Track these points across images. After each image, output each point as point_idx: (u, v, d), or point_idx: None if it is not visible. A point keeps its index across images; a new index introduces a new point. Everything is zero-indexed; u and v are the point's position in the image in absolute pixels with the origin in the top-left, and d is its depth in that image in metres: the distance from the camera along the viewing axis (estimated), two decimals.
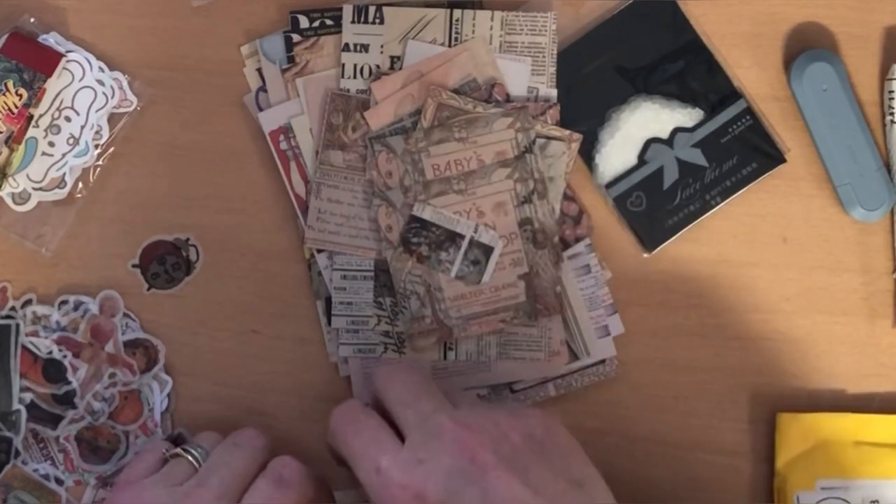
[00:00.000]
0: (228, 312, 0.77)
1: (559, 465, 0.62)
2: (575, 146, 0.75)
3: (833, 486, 0.73)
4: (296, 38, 0.77)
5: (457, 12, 0.76)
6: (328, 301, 0.76)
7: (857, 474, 0.73)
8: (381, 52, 0.76)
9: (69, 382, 0.76)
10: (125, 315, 0.77)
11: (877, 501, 0.73)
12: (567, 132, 0.75)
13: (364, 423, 0.65)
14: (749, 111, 0.77)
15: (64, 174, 0.76)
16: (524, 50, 0.76)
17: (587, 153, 0.77)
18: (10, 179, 0.75)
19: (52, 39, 0.76)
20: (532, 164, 0.75)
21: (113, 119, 0.77)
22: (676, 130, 0.77)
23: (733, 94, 0.77)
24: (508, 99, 0.75)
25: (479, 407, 0.71)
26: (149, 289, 0.77)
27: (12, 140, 0.74)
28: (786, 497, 0.73)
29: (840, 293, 0.77)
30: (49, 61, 0.75)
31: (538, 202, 0.75)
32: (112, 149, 0.77)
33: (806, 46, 0.77)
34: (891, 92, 0.76)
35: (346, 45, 0.76)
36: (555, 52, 0.76)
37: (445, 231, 0.75)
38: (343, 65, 0.76)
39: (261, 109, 0.77)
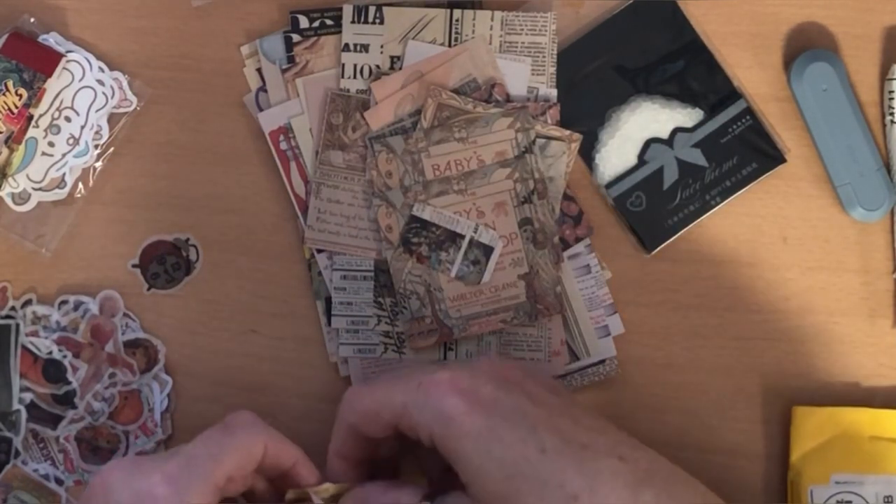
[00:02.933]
0: (228, 312, 0.77)
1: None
2: (575, 146, 0.75)
3: (847, 481, 0.73)
4: (296, 38, 0.77)
5: (457, 12, 0.76)
6: (328, 301, 0.76)
7: (871, 469, 0.73)
8: (381, 52, 0.76)
9: (69, 382, 0.76)
10: (125, 315, 0.77)
11: (891, 497, 0.73)
12: (567, 132, 0.75)
13: (384, 375, 0.66)
14: (749, 111, 0.77)
15: (64, 174, 0.76)
16: (524, 50, 0.76)
17: (587, 153, 0.77)
18: (10, 179, 0.75)
19: (52, 39, 0.76)
20: (532, 164, 0.75)
21: (113, 119, 0.77)
22: (676, 130, 0.77)
23: (733, 94, 0.77)
24: (508, 99, 0.75)
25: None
26: (149, 289, 0.77)
27: (12, 140, 0.74)
28: (800, 491, 0.73)
29: (840, 293, 0.77)
30: (49, 61, 0.75)
31: (538, 202, 0.75)
32: (112, 149, 0.77)
33: (806, 46, 0.77)
34: (891, 92, 0.76)
35: (346, 45, 0.76)
36: (555, 51, 0.76)
37: (445, 231, 0.75)
38: (343, 65, 0.76)
39: (261, 109, 0.77)
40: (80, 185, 0.77)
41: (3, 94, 0.74)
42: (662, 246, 0.77)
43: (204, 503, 0.63)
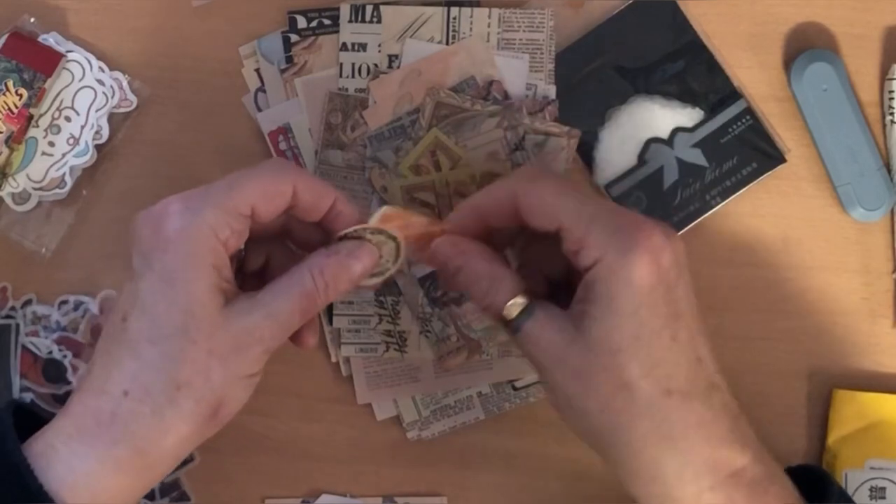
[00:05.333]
0: None
1: None
2: (573, 142, 0.75)
3: (882, 467, 0.74)
4: (294, 38, 0.77)
5: (454, 10, 0.76)
6: None
7: None
8: (379, 51, 0.76)
9: (69, 382, 0.76)
10: None
11: None
12: (565, 128, 0.75)
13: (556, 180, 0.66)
14: (749, 111, 0.77)
15: (64, 174, 0.76)
16: (522, 47, 0.76)
17: (587, 153, 0.77)
18: (10, 179, 0.75)
19: (52, 39, 0.76)
20: (524, 160, 0.74)
21: (113, 119, 0.77)
22: (676, 130, 0.77)
23: (733, 94, 0.77)
24: (507, 96, 0.75)
25: None
26: None
27: (12, 140, 0.75)
28: (834, 474, 0.74)
29: (840, 293, 0.77)
30: (49, 61, 0.75)
31: None
32: (112, 149, 0.77)
33: (806, 46, 0.77)
34: (891, 92, 0.76)
35: (344, 44, 0.76)
36: (552, 48, 0.76)
37: None
38: (341, 64, 0.76)
39: (260, 110, 0.77)
40: (81, 185, 0.77)
41: (3, 94, 0.74)
42: None
43: (217, 223, 0.61)
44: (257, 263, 0.69)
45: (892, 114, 0.76)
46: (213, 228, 0.61)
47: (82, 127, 0.76)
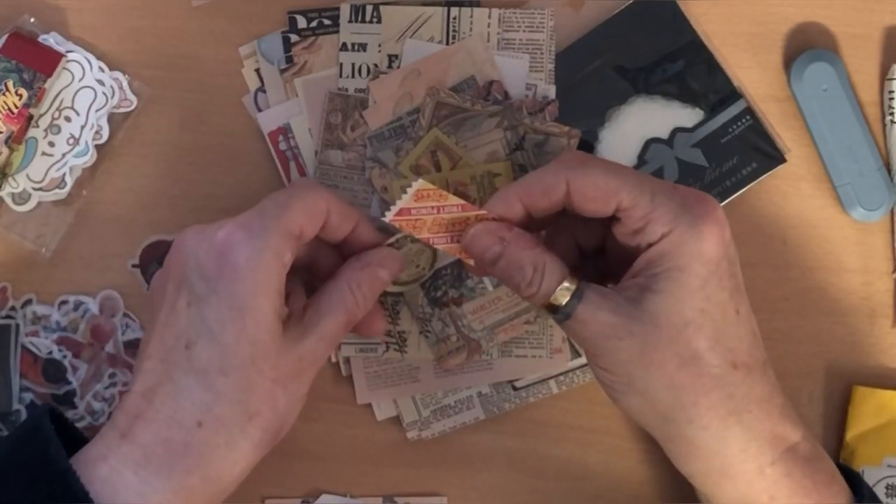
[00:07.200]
0: None
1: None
2: (573, 142, 0.75)
3: None
4: (294, 38, 0.77)
5: (454, 10, 0.76)
6: None
7: None
8: (379, 51, 0.76)
9: (69, 382, 0.76)
10: (125, 315, 0.77)
11: None
12: (566, 128, 0.75)
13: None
14: (749, 111, 0.77)
15: (64, 174, 0.76)
16: (522, 47, 0.76)
17: (587, 153, 0.77)
18: (10, 179, 0.75)
19: (52, 39, 0.76)
20: (524, 160, 0.74)
21: (113, 119, 0.77)
22: (676, 130, 0.77)
23: (733, 94, 0.77)
24: (507, 96, 0.75)
25: None
26: (149, 289, 0.77)
27: (12, 140, 0.75)
28: None
29: (840, 293, 0.77)
30: (49, 61, 0.75)
31: None
32: (112, 149, 0.77)
33: (806, 46, 0.77)
34: (891, 92, 0.76)
35: (344, 44, 0.76)
36: (553, 48, 0.76)
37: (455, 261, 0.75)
38: (341, 64, 0.76)
39: (260, 110, 0.77)
40: (81, 185, 0.77)
41: (3, 94, 0.74)
42: None
43: (280, 248, 0.63)
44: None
45: (892, 114, 0.76)
46: (277, 254, 0.62)
47: (82, 127, 0.76)
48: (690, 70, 0.77)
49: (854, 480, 0.65)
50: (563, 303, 0.62)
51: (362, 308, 0.67)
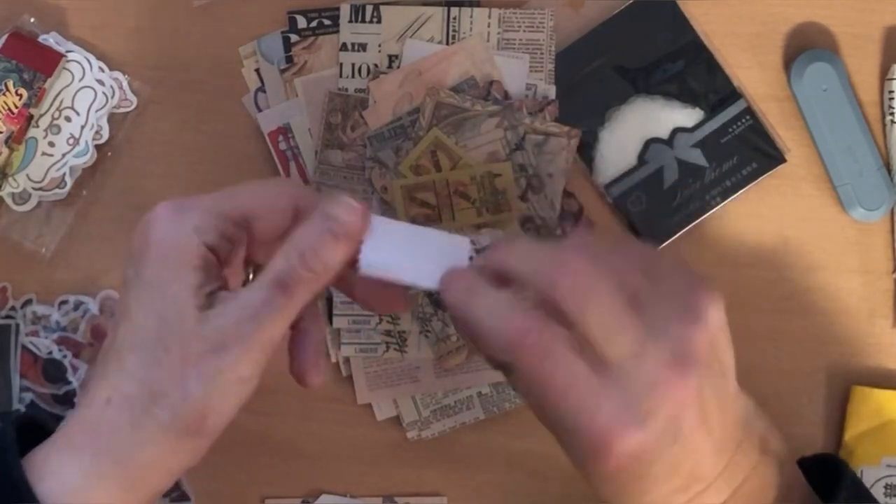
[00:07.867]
0: None
1: None
2: (574, 142, 0.75)
3: None
4: (294, 38, 0.77)
5: (454, 10, 0.76)
6: (329, 301, 0.76)
7: None
8: (379, 51, 0.76)
9: (69, 382, 0.76)
10: None
11: None
12: (566, 128, 0.75)
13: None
14: (749, 111, 0.77)
15: (64, 174, 0.76)
16: (522, 47, 0.76)
17: (587, 153, 0.77)
18: (10, 179, 0.75)
19: (52, 39, 0.76)
20: (524, 160, 0.75)
21: (113, 119, 0.77)
22: (676, 130, 0.77)
23: (733, 94, 0.77)
24: (507, 96, 0.75)
25: None
26: None
27: (12, 140, 0.75)
28: None
29: (840, 293, 0.77)
30: (49, 61, 0.75)
31: (534, 197, 0.75)
32: (112, 149, 0.77)
33: (806, 46, 0.77)
34: (891, 92, 0.76)
35: (344, 44, 0.76)
36: (553, 48, 0.76)
37: None
38: (341, 64, 0.76)
39: (260, 110, 0.77)
40: (81, 185, 0.77)
41: (3, 94, 0.74)
42: (663, 246, 0.76)
43: (202, 225, 0.59)
44: None
45: (892, 114, 0.76)
46: (197, 230, 0.58)
47: (82, 127, 0.76)
48: (690, 70, 0.77)
49: (838, 475, 0.62)
50: None
51: (302, 269, 0.57)
